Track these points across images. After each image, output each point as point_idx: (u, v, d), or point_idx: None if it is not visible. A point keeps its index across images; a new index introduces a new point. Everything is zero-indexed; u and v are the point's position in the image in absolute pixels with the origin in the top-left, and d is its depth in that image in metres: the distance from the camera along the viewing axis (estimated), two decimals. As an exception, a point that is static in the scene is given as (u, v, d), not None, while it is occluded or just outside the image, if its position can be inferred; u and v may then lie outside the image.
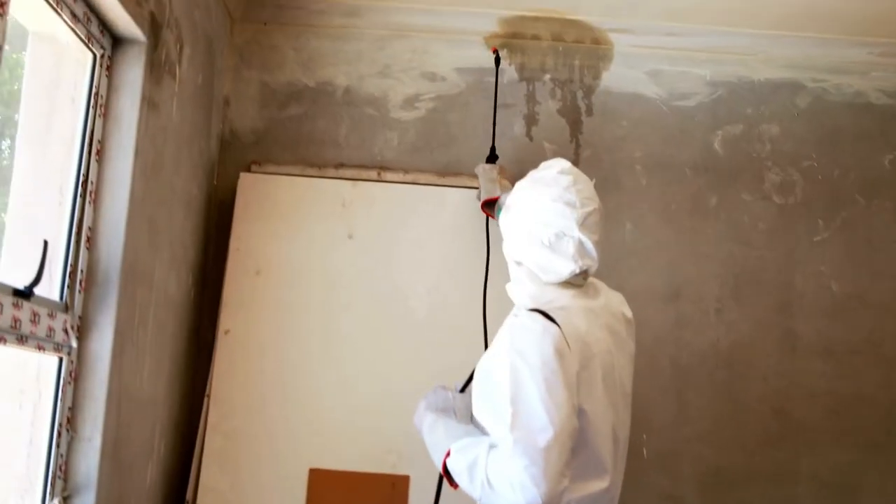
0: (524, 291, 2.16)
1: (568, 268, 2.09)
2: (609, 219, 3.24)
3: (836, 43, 3.46)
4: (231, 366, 3.09)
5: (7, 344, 1.96)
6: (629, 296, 3.16)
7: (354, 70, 3.46)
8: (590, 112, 3.45)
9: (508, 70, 3.48)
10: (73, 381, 2.33)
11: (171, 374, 2.96)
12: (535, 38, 3.48)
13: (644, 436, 3.27)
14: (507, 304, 2.39)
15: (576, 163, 3.37)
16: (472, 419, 2.17)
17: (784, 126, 3.49)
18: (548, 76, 3.48)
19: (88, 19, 2.30)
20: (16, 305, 1.99)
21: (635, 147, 3.44)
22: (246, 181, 3.26)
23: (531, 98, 3.45)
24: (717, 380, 3.34)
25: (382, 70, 3.46)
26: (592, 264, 2.13)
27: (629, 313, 2.31)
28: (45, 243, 2.17)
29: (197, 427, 3.07)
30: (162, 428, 2.89)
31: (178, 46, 2.79)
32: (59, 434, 2.27)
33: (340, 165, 3.36)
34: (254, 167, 3.34)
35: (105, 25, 2.40)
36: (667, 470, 3.28)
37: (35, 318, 2.08)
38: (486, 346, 2.84)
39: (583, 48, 3.49)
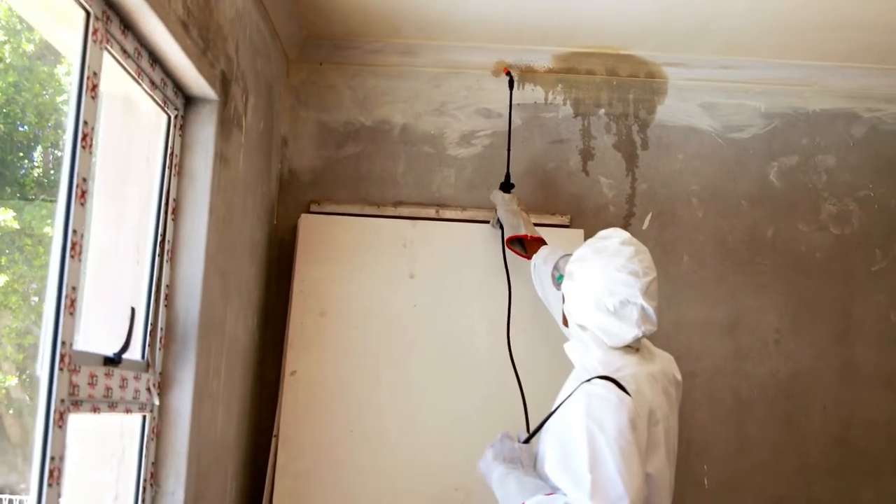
0: (592, 356, 2.24)
1: (631, 333, 2.19)
2: (666, 251, 3.28)
3: (891, 73, 3.47)
4: (298, 406, 3.12)
5: (100, 413, 2.00)
6: (688, 328, 3.22)
7: (411, 108, 3.49)
8: (645, 146, 3.47)
9: (563, 105, 3.49)
10: (155, 437, 2.37)
11: (240, 416, 3.00)
12: (590, 72, 3.50)
13: (705, 466, 3.29)
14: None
15: (632, 197, 3.41)
16: (535, 469, 2.24)
17: (840, 156, 3.50)
18: (602, 111, 3.49)
19: (165, 84, 2.34)
20: (107, 374, 2.04)
21: (691, 180, 3.46)
22: (306, 222, 3.29)
23: (586, 133, 3.47)
24: (777, 410, 3.35)
25: (438, 108, 3.49)
26: (653, 329, 2.23)
27: (679, 375, 2.42)
28: (133, 311, 2.21)
29: (264, 466, 3.11)
30: (234, 471, 2.94)
31: (244, 97, 2.83)
32: (144, 490, 2.32)
33: (399, 203, 3.39)
34: (313, 206, 3.37)
35: (179, 87, 2.44)
36: (728, 500, 3.30)
37: (123, 384, 2.13)
38: (519, 382, 2.93)
39: (637, 82, 3.51)
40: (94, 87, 1.91)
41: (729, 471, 3.31)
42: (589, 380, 2.13)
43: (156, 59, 2.27)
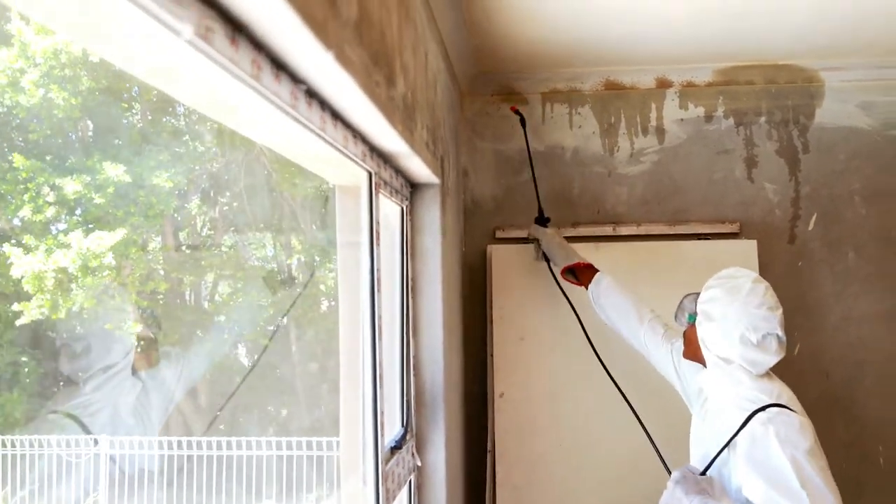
0: (746, 386, 2.45)
1: (772, 361, 2.44)
2: (832, 250, 3.51)
3: None
4: (509, 425, 3.45)
5: (391, 495, 2.31)
6: (856, 321, 3.48)
7: (580, 131, 3.70)
8: (806, 149, 3.64)
9: (724, 118, 3.67)
10: (417, 491, 2.70)
11: (460, 440, 3.32)
12: (749, 83, 3.66)
13: (880, 447, 3.56)
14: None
15: (796, 200, 3.61)
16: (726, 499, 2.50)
17: None
18: (763, 119, 3.66)
19: (403, 186, 2.59)
20: (388, 460, 2.35)
21: (853, 179, 3.63)
22: (497, 253, 3.56)
23: (749, 141, 3.65)
24: (945, 391, 3.59)
25: (607, 129, 3.69)
26: (783, 355, 2.46)
27: None
28: (409, 402, 2.51)
29: (477, 480, 3.46)
30: (460, 486, 3.28)
31: (446, 161, 3.05)
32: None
33: (576, 223, 3.63)
34: (497, 232, 3.64)
35: (408, 179, 2.68)
36: (901, 476, 3.58)
37: (401, 462, 2.45)
38: (633, 409, 3.09)
39: (795, 88, 3.66)
40: (376, 220, 2.18)
41: (902, 449, 3.58)
42: (762, 409, 2.39)
43: (405, 177, 2.53)
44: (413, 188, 2.77)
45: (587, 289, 3.12)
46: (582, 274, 3.19)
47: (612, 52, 3.45)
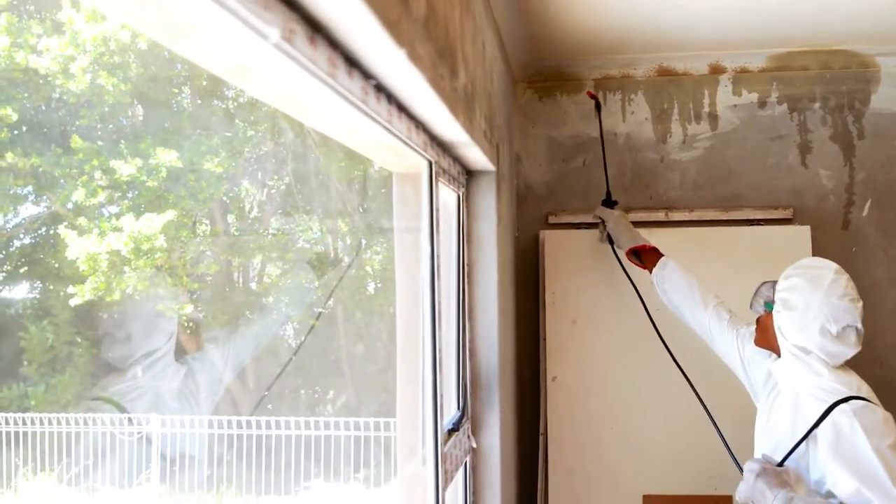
0: (825, 378, 2.45)
1: (850, 353, 2.44)
2: (886, 235, 3.51)
3: None
4: (561, 408, 3.49)
5: (449, 476, 2.35)
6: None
7: (633, 117, 3.71)
8: (861, 135, 3.62)
9: (777, 104, 3.66)
10: (472, 473, 2.75)
11: (513, 423, 3.37)
12: (804, 68, 3.64)
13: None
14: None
15: (850, 186, 3.59)
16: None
17: None
18: (817, 104, 3.64)
19: (460, 173, 2.63)
20: (446, 442, 2.39)
21: (908, 164, 3.61)
22: (550, 238, 3.59)
23: (803, 127, 3.63)
24: None
25: (659, 114, 3.70)
26: (861, 348, 2.45)
27: None
28: (466, 387, 2.56)
29: (529, 463, 3.51)
30: (514, 469, 3.33)
31: (501, 148, 3.08)
32: (471, 520, 2.71)
33: (629, 209, 3.64)
34: (550, 218, 3.67)
35: (464, 167, 2.71)
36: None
37: (458, 444, 2.49)
38: (681, 368, 3.12)
39: (850, 74, 3.63)
40: (436, 208, 2.23)
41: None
42: (844, 400, 2.39)
43: (462, 164, 2.57)
44: (469, 175, 2.80)
45: (650, 272, 3.11)
46: (646, 257, 3.17)
47: (665, 39, 3.45)
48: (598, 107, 3.60)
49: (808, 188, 3.63)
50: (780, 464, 2.50)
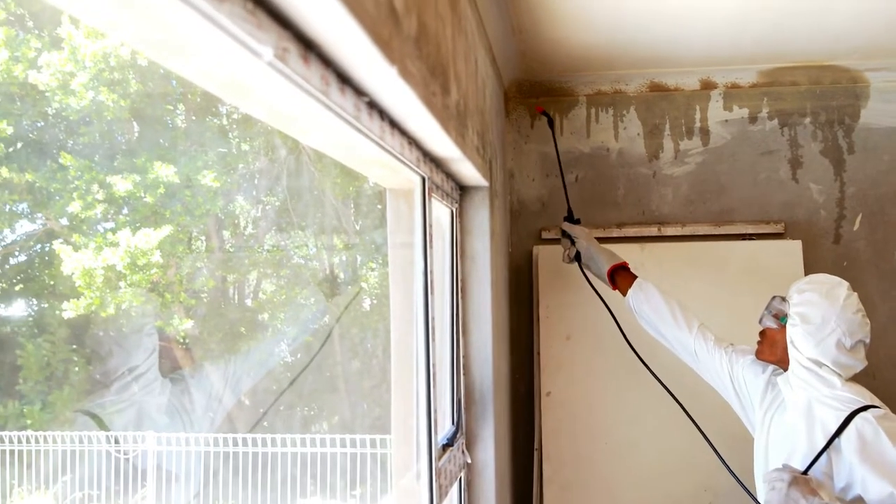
0: (839, 390, 2.49)
1: (859, 367, 2.51)
2: (877, 249, 3.53)
3: None
4: (555, 423, 3.50)
5: (444, 491, 2.36)
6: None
7: (625, 133, 3.74)
8: (851, 150, 3.65)
9: (768, 119, 3.69)
10: (467, 488, 2.76)
11: (507, 438, 3.38)
12: (794, 84, 3.67)
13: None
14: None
15: (841, 200, 3.62)
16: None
17: None
18: (808, 119, 3.67)
19: (454, 189, 2.65)
20: (441, 457, 2.40)
21: (898, 179, 3.64)
22: (543, 253, 3.61)
23: (794, 142, 3.66)
24: None
25: (651, 130, 3.72)
26: (867, 363, 2.53)
27: None
28: (460, 402, 2.57)
29: (524, 478, 3.51)
30: (508, 484, 3.33)
31: (493, 163, 3.10)
32: (465, 534, 2.72)
33: (622, 224, 3.67)
34: (543, 233, 3.69)
35: (458, 183, 2.73)
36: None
37: (453, 459, 2.50)
38: (663, 384, 3.10)
39: (840, 88, 3.67)
40: (429, 224, 2.24)
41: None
42: (863, 409, 2.42)
43: (455, 180, 2.58)
44: (462, 191, 2.82)
45: (624, 294, 3.02)
46: (620, 277, 3.07)
47: (657, 55, 3.48)
48: (550, 124, 3.54)
49: (799, 203, 3.65)
50: (806, 472, 2.49)
